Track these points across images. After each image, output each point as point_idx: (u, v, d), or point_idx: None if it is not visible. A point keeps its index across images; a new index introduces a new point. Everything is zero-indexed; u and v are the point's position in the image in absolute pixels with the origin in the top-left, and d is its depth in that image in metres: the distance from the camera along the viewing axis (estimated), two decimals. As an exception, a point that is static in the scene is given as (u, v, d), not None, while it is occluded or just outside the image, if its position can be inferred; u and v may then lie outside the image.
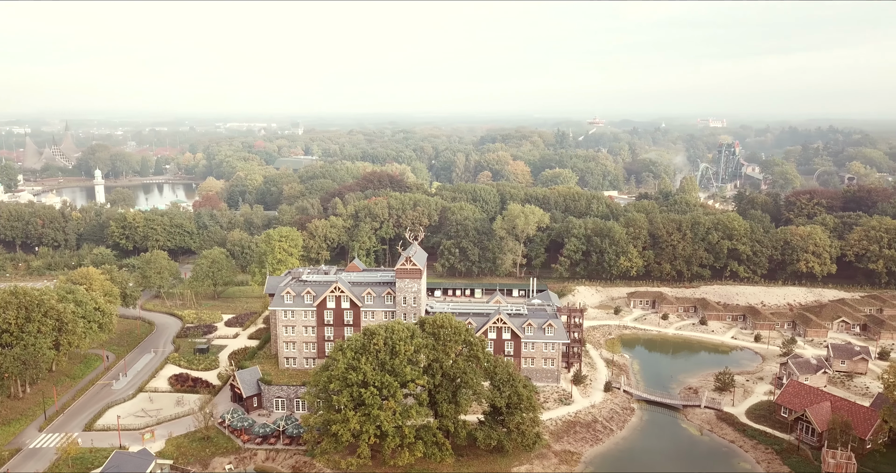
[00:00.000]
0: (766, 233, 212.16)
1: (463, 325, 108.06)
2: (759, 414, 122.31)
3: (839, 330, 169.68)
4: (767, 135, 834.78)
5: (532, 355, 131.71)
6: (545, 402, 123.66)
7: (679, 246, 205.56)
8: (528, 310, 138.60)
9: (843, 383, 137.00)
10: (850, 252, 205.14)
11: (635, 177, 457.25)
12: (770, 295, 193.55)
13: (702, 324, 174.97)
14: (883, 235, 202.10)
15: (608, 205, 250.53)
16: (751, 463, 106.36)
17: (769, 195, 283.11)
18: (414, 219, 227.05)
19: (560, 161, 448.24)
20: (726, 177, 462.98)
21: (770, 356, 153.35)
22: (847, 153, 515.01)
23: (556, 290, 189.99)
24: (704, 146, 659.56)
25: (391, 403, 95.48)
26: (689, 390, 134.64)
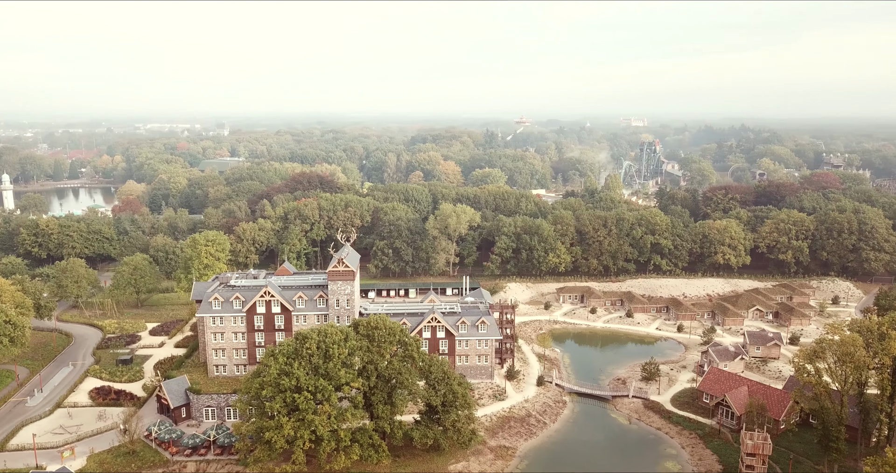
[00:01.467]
0: (686, 228, 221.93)
1: (397, 326, 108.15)
2: (684, 401, 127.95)
3: (754, 317, 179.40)
4: (685, 133, 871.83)
5: (466, 352, 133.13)
6: (480, 399, 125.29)
7: (605, 241, 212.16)
8: (462, 308, 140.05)
9: (758, 368, 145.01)
10: (762, 244, 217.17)
11: (562, 175, 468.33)
12: (691, 287, 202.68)
13: (628, 317, 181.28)
14: (791, 227, 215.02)
15: (537, 204, 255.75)
16: (676, 449, 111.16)
17: (688, 191, 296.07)
18: (345, 220, 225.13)
19: (489, 161, 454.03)
20: (648, 174, 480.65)
21: (692, 345, 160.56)
22: (758, 150, 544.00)
23: (488, 288, 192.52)
24: (627, 144, 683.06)
25: (326, 407, 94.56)
26: (618, 381, 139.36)
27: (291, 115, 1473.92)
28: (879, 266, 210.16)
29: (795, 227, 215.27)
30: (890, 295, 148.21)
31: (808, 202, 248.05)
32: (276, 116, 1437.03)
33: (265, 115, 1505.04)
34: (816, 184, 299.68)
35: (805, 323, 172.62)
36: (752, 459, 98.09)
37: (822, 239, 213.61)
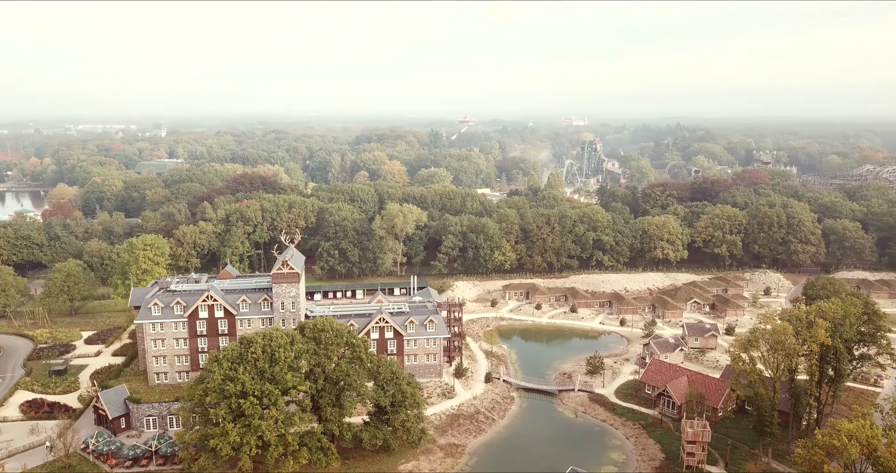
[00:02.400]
0: (627, 224, 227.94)
1: (345, 327, 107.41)
2: (627, 393, 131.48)
3: (692, 310, 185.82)
4: (624, 132, 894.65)
5: (415, 352, 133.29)
6: (429, 397, 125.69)
7: (549, 239, 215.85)
8: (410, 308, 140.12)
9: (697, 358, 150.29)
10: (698, 238, 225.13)
11: (506, 174, 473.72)
12: (632, 282, 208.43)
13: (572, 312, 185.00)
14: (725, 222, 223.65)
15: (482, 203, 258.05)
16: (621, 439, 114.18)
17: (628, 188, 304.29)
18: (289, 222, 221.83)
19: (435, 160, 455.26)
20: (589, 172, 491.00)
21: (634, 338, 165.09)
22: (693, 148, 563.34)
23: (435, 286, 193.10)
24: (569, 143, 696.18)
25: (273, 412, 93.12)
26: (564, 375, 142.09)
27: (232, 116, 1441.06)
28: (806, 257, 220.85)
29: (729, 222, 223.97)
30: (816, 285, 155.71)
31: (741, 197, 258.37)
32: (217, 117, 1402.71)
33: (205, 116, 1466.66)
34: (748, 180, 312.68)
35: (739, 314, 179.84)
36: (692, 446, 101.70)
37: (753, 233, 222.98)
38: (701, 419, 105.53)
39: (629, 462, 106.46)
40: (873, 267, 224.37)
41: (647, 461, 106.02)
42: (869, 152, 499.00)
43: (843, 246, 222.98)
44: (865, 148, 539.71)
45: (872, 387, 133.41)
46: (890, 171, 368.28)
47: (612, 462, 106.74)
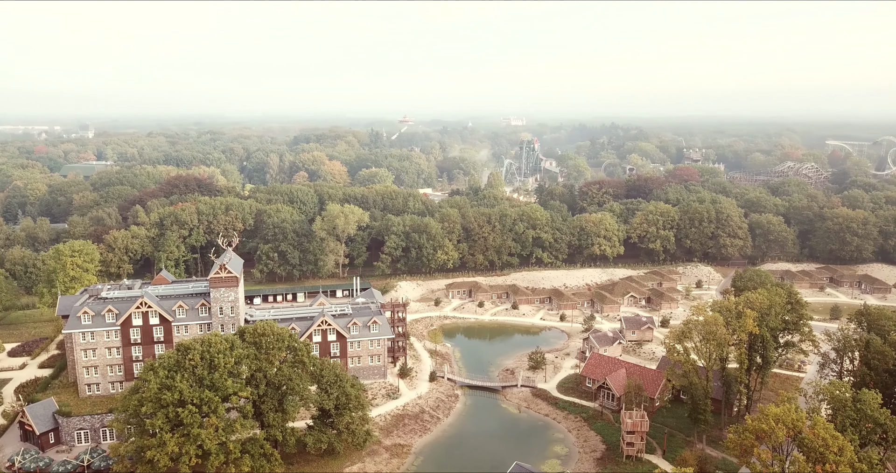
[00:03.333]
0: (565, 222, 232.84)
1: (286, 331, 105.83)
2: (569, 387, 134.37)
3: (629, 304, 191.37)
4: (561, 132, 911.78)
5: (359, 353, 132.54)
6: (374, 399, 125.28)
7: (490, 237, 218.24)
8: (353, 310, 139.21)
9: (634, 351, 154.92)
10: (633, 234, 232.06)
11: (447, 174, 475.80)
12: (571, 278, 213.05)
13: (514, 309, 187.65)
14: (658, 218, 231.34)
15: (424, 203, 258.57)
16: (563, 433, 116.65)
17: (565, 187, 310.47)
18: (227, 224, 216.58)
19: (376, 160, 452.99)
20: (528, 171, 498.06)
21: (574, 332, 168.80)
22: (627, 147, 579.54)
23: (379, 287, 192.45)
24: (508, 143, 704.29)
25: (213, 419, 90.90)
26: (507, 371, 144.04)
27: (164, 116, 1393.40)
28: (734, 251, 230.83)
29: (662, 218, 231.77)
30: (744, 277, 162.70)
31: (673, 194, 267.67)
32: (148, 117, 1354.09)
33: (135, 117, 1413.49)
34: (679, 177, 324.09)
35: (674, 307, 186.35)
36: (631, 436, 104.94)
37: (685, 228, 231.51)
38: (639, 409, 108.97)
39: (571, 455, 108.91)
40: (795, 258, 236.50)
41: (589, 452, 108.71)
42: (789, 150, 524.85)
43: (767, 239, 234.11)
44: (786, 146, 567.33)
45: (797, 373, 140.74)
46: (808, 168, 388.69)
47: (556, 456, 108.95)
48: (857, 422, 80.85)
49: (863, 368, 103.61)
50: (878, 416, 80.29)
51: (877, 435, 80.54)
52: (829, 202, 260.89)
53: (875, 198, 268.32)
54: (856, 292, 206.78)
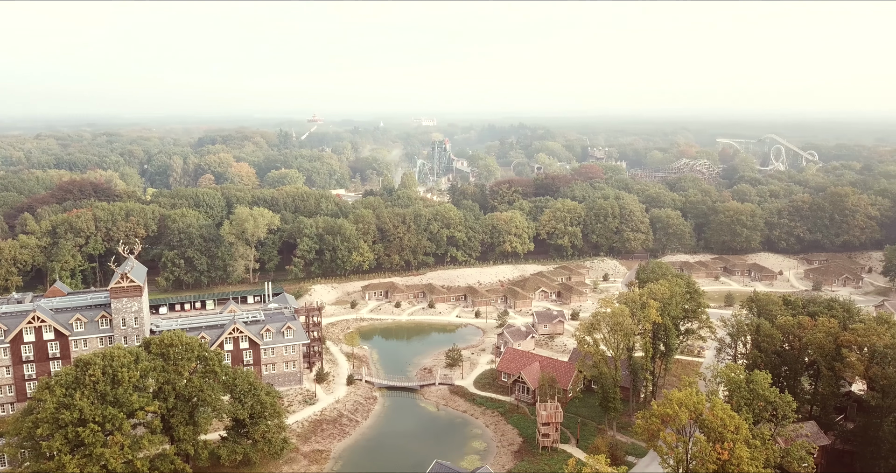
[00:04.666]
0: (477, 220, 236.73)
1: (195, 340, 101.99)
2: (485, 383, 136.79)
3: (540, 298, 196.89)
4: (472, 132, 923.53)
5: (273, 360, 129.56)
6: (290, 405, 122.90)
7: (405, 237, 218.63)
8: (266, 316, 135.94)
9: (547, 344, 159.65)
10: (543, 231, 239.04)
11: (360, 174, 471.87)
12: (484, 275, 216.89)
13: (430, 308, 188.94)
14: (566, 215, 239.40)
15: (337, 204, 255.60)
16: (481, 428, 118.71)
17: (477, 186, 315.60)
18: (127, 231, 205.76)
19: (286, 161, 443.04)
20: (440, 171, 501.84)
21: (489, 328, 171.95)
22: (535, 146, 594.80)
23: (292, 292, 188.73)
24: (419, 143, 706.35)
25: (117, 437, 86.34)
26: (425, 370, 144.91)
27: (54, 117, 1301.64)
28: (637, 244, 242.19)
29: (570, 215, 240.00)
30: (647, 270, 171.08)
31: (579, 191, 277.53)
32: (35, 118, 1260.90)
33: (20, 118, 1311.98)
34: (584, 174, 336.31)
35: (583, 300, 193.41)
36: (546, 427, 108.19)
37: (591, 224, 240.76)
38: (553, 401, 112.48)
39: (490, 449, 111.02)
40: (692, 250, 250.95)
41: (507, 446, 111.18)
42: (684, 147, 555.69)
43: (667, 232, 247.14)
44: (682, 143, 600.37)
45: (696, 358, 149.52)
46: (702, 164, 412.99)
47: (474, 451, 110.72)
48: (751, 402, 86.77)
49: (754, 351, 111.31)
50: (769, 395, 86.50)
51: (768, 413, 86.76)
52: (720, 196, 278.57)
53: (761, 192, 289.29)
54: (746, 280, 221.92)
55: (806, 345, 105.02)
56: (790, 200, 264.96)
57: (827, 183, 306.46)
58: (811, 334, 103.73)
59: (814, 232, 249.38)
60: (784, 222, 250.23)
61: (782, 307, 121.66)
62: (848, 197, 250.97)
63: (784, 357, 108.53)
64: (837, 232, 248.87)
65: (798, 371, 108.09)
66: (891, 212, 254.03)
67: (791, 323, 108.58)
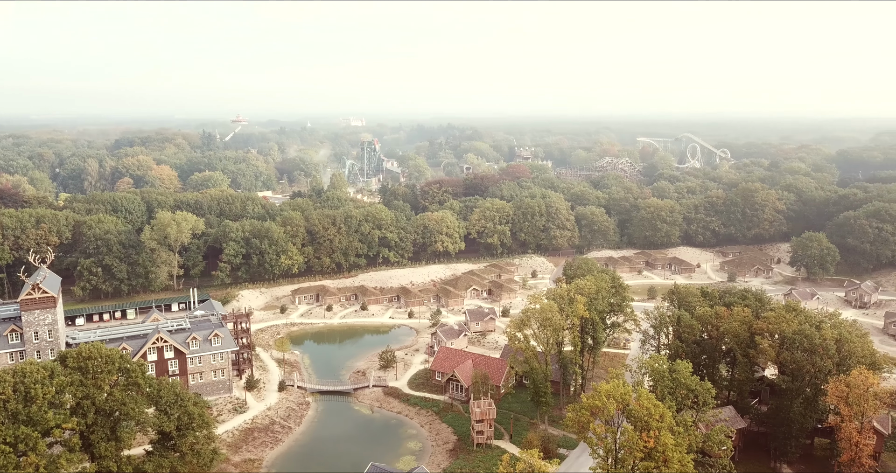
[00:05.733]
0: (409, 221, 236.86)
1: (116, 352, 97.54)
2: (419, 383, 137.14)
3: (472, 296, 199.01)
4: (401, 132, 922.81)
5: (200, 369, 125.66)
6: (219, 415, 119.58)
7: (336, 239, 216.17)
8: (191, 323, 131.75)
9: (479, 341, 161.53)
10: (473, 230, 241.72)
11: (288, 176, 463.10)
12: (417, 275, 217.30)
13: (363, 310, 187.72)
14: (495, 214, 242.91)
15: (264, 206, 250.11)
16: (416, 428, 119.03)
17: (407, 186, 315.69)
18: (38, 239, 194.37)
19: (209, 163, 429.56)
20: (370, 171, 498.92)
21: (422, 328, 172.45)
22: (463, 146, 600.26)
23: (219, 298, 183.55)
24: (348, 144, 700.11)
25: (31, 458, 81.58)
26: (358, 373, 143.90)
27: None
28: (564, 241, 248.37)
29: (498, 214, 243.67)
30: (574, 266, 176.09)
31: (507, 191, 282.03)
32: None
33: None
34: (512, 174, 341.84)
35: (513, 297, 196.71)
36: (480, 425, 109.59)
37: (519, 223, 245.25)
38: (486, 398, 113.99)
39: (425, 449, 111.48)
40: (616, 245, 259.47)
41: (442, 445, 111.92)
42: (607, 146, 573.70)
43: (592, 229, 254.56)
44: (604, 142, 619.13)
45: (622, 350, 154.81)
46: (623, 162, 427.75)
47: (410, 452, 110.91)
48: (674, 390, 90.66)
49: (676, 341, 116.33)
50: (690, 383, 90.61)
51: (689, 400, 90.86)
52: (641, 193, 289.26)
53: (679, 189, 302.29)
54: (667, 273, 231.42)
55: (723, 334, 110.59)
56: (706, 196, 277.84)
57: (738, 179, 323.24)
58: (727, 323, 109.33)
59: (728, 226, 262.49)
60: (700, 217, 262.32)
61: (700, 298, 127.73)
62: (757, 192, 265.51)
63: (703, 346, 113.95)
64: (749, 225, 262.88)
65: (716, 358, 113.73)
66: (796, 206, 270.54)
67: (709, 313, 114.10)
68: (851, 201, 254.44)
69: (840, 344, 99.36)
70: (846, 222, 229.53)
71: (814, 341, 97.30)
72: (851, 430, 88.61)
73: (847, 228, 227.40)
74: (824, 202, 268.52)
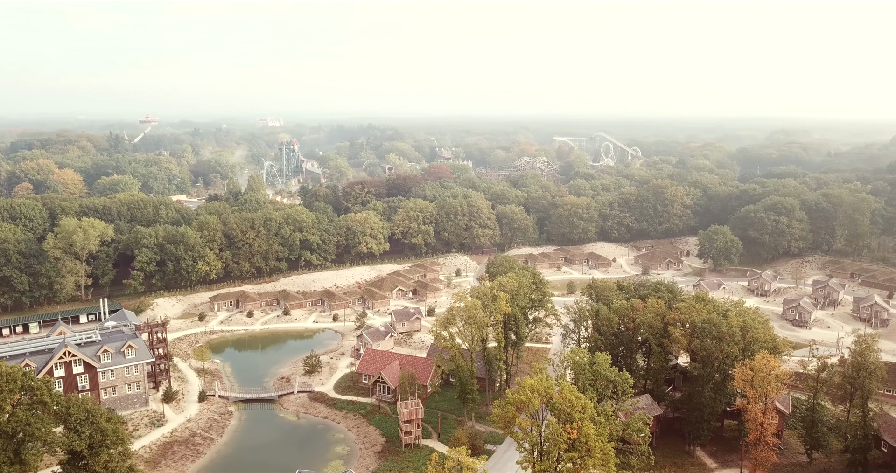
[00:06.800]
0: (331, 222, 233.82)
1: (18, 369, 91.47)
2: (346, 386, 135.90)
3: (397, 297, 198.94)
4: (321, 132, 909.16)
5: (113, 383, 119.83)
6: (135, 430, 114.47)
7: (255, 243, 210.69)
8: (102, 335, 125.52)
9: (405, 342, 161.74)
10: (397, 230, 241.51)
11: (203, 178, 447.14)
12: (341, 277, 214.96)
13: (286, 315, 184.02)
14: (418, 214, 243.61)
15: (178, 210, 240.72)
16: (343, 432, 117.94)
17: (329, 187, 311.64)
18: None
19: (118, 167, 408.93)
20: (290, 173, 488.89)
21: (347, 331, 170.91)
22: (385, 147, 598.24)
23: (132, 307, 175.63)
24: (266, 145, 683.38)
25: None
26: (282, 379, 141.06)
27: None
28: (486, 240, 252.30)
29: (422, 214, 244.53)
30: (496, 263, 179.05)
31: (430, 191, 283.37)
32: None
33: None
34: (434, 174, 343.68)
35: (438, 296, 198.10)
36: (408, 425, 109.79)
37: (443, 222, 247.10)
38: (414, 398, 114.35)
39: (353, 452, 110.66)
40: (536, 242, 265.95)
41: (370, 447, 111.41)
42: (525, 146, 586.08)
43: (512, 227, 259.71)
44: (522, 142, 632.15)
45: (545, 345, 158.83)
46: (541, 162, 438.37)
47: (338, 456, 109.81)
48: (594, 382, 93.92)
49: (595, 334, 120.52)
50: (609, 374, 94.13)
51: (609, 391, 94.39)
52: (559, 191, 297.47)
53: (594, 187, 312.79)
54: (585, 268, 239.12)
55: (639, 326, 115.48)
56: (619, 193, 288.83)
57: (649, 176, 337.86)
58: (642, 315, 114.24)
59: (640, 221, 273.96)
60: (615, 213, 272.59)
61: (617, 292, 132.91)
62: (667, 188, 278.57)
63: (621, 337, 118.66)
64: (660, 220, 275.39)
65: (633, 349, 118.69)
66: (702, 201, 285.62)
67: (625, 306, 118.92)
68: (751, 196, 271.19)
69: (745, 330, 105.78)
70: (747, 215, 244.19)
71: (721, 329, 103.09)
72: (757, 411, 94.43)
73: (748, 221, 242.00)
74: (727, 197, 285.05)
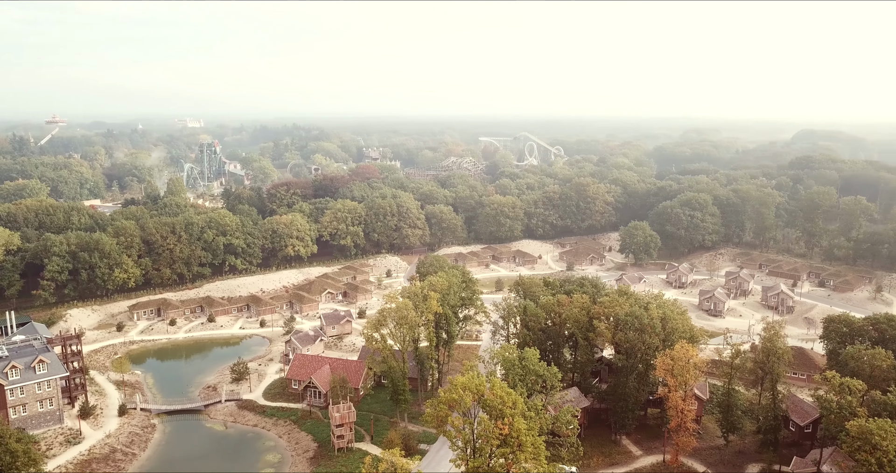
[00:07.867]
0: (256, 225, 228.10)
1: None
2: (275, 393, 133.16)
3: (327, 300, 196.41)
4: (243, 133, 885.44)
5: (23, 401, 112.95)
6: (49, 449, 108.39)
7: (176, 248, 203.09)
8: (10, 351, 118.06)
9: (336, 345, 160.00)
10: (325, 232, 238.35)
11: (118, 182, 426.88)
12: (267, 282, 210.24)
13: (211, 322, 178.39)
14: (347, 215, 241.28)
15: (92, 216, 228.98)
16: (274, 440, 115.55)
17: (253, 189, 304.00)
18: None
19: (23, 170, 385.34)
20: (211, 175, 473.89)
21: (276, 337, 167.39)
22: (310, 147, 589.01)
23: (42, 320, 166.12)
24: (186, 146, 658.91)
25: None
26: (209, 388, 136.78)
27: None
28: (416, 240, 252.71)
29: (350, 215, 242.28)
30: (426, 263, 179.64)
31: (358, 191, 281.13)
32: None
33: None
34: (362, 175, 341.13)
35: (368, 298, 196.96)
36: (340, 429, 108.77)
37: (372, 223, 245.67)
38: (346, 401, 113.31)
39: (285, 459, 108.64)
40: (464, 241, 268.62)
41: (302, 453, 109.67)
42: (451, 146, 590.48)
43: (441, 227, 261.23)
44: (449, 143, 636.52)
45: (475, 342, 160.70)
46: (468, 161, 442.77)
47: (269, 464, 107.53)
48: (524, 377, 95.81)
49: (523, 330, 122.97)
50: (538, 369, 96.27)
51: (538, 385, 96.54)
52: (486, 191, 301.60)
53: (519, 186, 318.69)
54: (512, 265, 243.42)
55: (565, 320, 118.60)
56: (543, 192, 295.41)
57: (572, 174, 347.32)
58: (568, 310, 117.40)
59: (564, 218, 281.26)
60: (540, 211, 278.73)
61: (544, 288, 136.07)
62: (589, 186, 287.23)
63: (548, 332, 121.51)
64: (583, 217, 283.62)
65: (560, 343, 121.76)
66: (622, 198, 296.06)
67: (552, 302, 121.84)
68: (668, 192, 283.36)
69: (665, 322, 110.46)
70: (664, 211, 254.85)
71: (643, 321, 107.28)
72: (677, 399, 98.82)
73: (665, 216, 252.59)
74: (646, 194, 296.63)
